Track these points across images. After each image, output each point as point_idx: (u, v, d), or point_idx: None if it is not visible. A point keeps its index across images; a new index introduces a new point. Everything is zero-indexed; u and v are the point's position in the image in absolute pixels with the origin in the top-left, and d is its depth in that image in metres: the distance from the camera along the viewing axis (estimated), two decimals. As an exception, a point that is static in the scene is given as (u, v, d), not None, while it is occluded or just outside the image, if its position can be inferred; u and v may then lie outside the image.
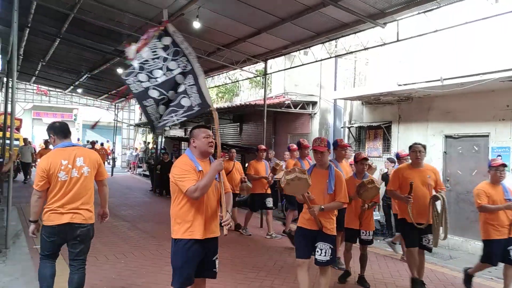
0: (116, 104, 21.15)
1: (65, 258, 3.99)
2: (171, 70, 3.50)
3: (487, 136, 7.78)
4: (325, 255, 4.01)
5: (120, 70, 10.92)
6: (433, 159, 8.50)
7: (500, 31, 6.74)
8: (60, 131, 3.60)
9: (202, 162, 3.34)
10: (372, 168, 6.43)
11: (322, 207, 3.93)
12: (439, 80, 7.32)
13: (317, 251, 4.04)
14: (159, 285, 4.67)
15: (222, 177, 3.44)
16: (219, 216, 3.36)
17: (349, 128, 10.93)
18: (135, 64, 3.48)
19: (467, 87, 7.08)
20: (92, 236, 3.63)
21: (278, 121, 13.27)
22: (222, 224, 3.28)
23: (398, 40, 6.99)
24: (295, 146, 7.23)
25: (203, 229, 3.28)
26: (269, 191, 7.60)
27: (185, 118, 3.49)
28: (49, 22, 9.48)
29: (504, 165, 4.84)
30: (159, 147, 17.44)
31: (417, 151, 4.76)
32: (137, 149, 26.55)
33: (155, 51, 3.52)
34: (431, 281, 5.28)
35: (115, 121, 20.88)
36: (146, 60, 3.50)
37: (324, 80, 11.51)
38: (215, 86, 16.50)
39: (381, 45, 7.54)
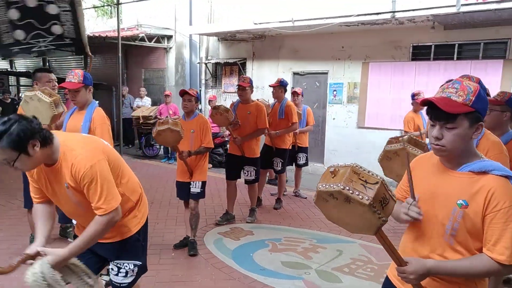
0: None
1: None
2: None
3: (327, 73, 8.94)
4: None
5: None
6: (283, 94, 9.44)
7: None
8: None
9: None
10: None
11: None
12: (290, 21, 7.95)
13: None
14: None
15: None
16: None
17: (205, 64, 11.08)
18: None
19: (313, 29, 7.89)
20: None
21: (131, 55, 12.48)
22: None
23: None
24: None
25: None
26: None
27: (54, 47, 3.54)
28: None
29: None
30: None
31: None
32: None
33: None
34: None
35: None
36: None
37: (179, 13, 11.15)
38: (53, 13, 14.32)
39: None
